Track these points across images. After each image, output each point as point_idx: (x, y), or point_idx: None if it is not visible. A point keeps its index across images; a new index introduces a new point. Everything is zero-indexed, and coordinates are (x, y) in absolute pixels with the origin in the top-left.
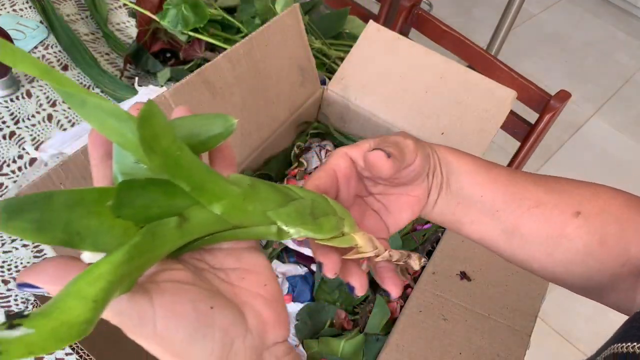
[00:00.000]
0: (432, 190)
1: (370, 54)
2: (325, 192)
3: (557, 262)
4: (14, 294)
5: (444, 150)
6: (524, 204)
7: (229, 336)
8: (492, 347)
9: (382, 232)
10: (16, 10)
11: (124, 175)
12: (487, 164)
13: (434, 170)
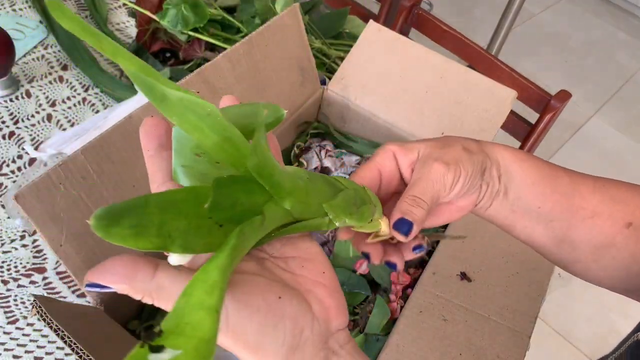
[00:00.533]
0: (485, 198)
1: (370, 54)
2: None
3: (601, 267)
4: (13, 294)
5: (508, 158)
6: (580, 214)
7: (298, 325)
8: (492, 348)
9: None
10: (15, 9)
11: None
12: (550, 172)
13: (489, 182)
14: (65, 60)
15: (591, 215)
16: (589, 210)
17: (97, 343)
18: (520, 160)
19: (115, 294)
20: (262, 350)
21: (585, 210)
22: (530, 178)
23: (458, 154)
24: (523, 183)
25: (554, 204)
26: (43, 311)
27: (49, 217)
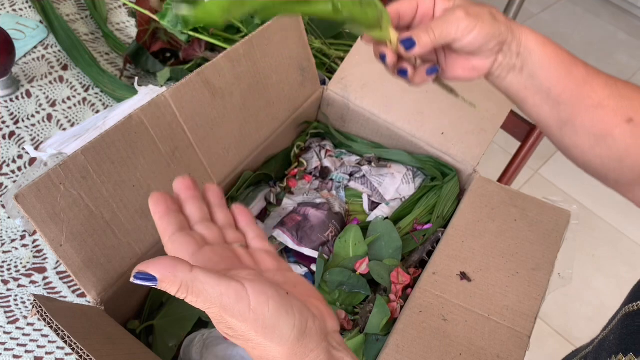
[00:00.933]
0: (501, 68)
1: (370, 54)
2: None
3: (596, 155)
4: (13, 294)
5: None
6: (586, 102)
7: (304, 316)
8: (492, 348)
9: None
10: (16, 10)
11: None
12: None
13: (507, 54)
14: (66, 60)
15: (596, 105)
16: (596, 100)
17: (97, 343)
18: (543, 43)
19: (116, 294)
20: (278, 330)
21: (592, 100)
22: (548, 61)
23: (483, 14)
24: (539, 64)
25: (564, 88)
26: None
27: (49, 217)
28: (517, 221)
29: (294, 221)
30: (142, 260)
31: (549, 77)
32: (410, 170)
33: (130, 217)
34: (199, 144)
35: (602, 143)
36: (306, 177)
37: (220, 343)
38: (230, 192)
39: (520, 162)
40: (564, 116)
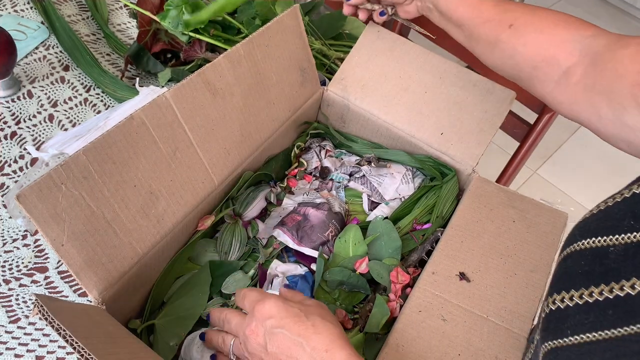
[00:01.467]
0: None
1: (370, 55)
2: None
3: (496, 57)
4: (15, 293)
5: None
6: (479, 20)
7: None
8: (490, 349)
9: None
10: (17, 11)
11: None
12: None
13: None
14: (67, 60)
15: (485, 20)
16: (485, 18)
17: (98, 342)
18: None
19: (117, 294)
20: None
21: (482, 18)
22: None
23: None
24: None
25: (462, 14)
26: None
27: (51, 217)
28: (515, 222)
29: (294, 221)
30: (144, 260)
31: (449, 10)
32: (409, 170)
33: (131, 217)
34: (200, 144)
35: (496, 48)
36: (306, 177)
37: None
38: (230, 192)
39: (519, 162)
40: (467, 33)
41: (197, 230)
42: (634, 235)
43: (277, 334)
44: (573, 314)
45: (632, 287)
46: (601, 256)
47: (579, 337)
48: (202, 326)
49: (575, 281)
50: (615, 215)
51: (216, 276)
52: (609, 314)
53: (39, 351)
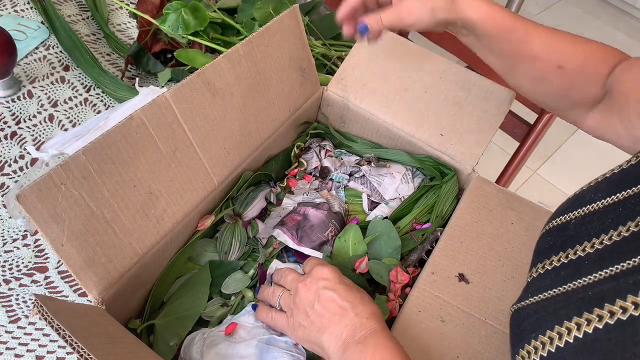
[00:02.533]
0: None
1: (370, 55)
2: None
3: (536, 91)
4: (15, 293)
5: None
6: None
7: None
8: (488, 353)
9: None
10: (17, 10)
11: None
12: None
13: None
14: (67, 60)
15: (533, 58)
16: (532, 55)
17: (98, 342)
18: (485, 20)
19: (117, 294)
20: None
21: (529, 54)
22: (489, 32)
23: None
24: (482, 34)
25: (504, 48)
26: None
27: (51, 216)
28: (513, 224)
29: (293, 221)
30: (143, 260)
31: (490, 42)
32: (409, 170)
33: (131, 217)
34: (200, 144)
35: (540, 84)
36: (306, 177)
37: (220, 342)
38: (230, 192)
39: (519, 162)
40: (507, 65)
41: (197, 230)
42: (591, 206)
43: (327, 294)
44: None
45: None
46: (563, 229)
47: (536, 297)
48: (202, 326)
49: (541, 256)
50: (583, 196)
51: (216, 276)
52: (561, 275)
53: (39, 351)
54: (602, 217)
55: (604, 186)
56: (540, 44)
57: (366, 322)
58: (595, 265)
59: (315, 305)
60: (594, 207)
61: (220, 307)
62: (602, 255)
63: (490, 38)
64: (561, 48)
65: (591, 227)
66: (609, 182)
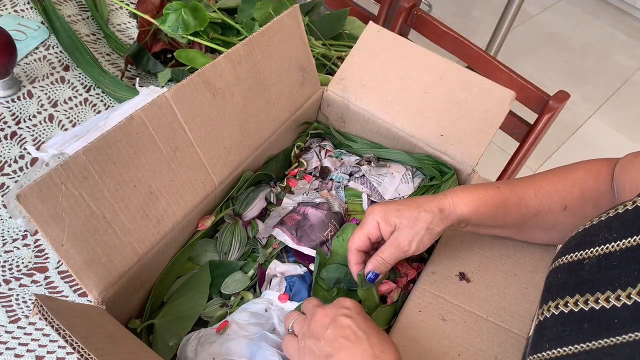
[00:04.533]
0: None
1: (370, 55)
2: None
3: (553, 237)
4: (15, 293)
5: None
6: (526, 217)
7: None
8: (490, 350)
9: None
10: (17, 11)
11: None
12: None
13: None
14: (67, 60)
15: (535, 214)
16: (534, 211)
17: (98, 342)
18: (475, 208)
19: (117, 294)
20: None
21: (531, 213)
22: (485, 216)
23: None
24: (479, 220)
25: (505, 219)
26: (45, 310)
27: (51, 216)
28: None
29: (293, 220)
30: (143, 260)
31: (491, 222)
32: (409, 170)
33: (131, 217)
34: (200, 144)
35: (553, 231)
36: (306, 177)
37: (214, 341)
38: (230, 192)
39: (519, 162)
40: (515, 230)
41: (197, 230)
42: (606, 247)
43: (343, 322)
44: (550, 325)
45: (606, 300)
46: (576, 268)
47: (556, 351)
48: (202, 326)
49: (553, 294)
50: (593, 232)
51: (216, 276)
52: (584, 327)
53: (39, 351)
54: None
55: (617, 224)
56: (535, 198)
57: (381, 356)
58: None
59: (329, 331)
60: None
61: (219, 307)
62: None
63: (490, 219)
64: (555, 190)
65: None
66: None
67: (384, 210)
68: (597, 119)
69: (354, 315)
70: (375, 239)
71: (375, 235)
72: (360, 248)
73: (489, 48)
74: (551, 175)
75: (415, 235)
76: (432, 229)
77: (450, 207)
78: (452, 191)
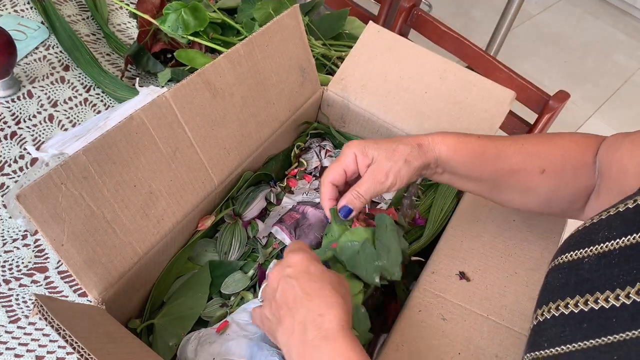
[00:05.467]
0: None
1: (369, 55)
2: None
3: (527, 202)
4: (15, 293)
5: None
6: (503, 173)
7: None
8: (490, 348)
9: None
10: (17, 10)
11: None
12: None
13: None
14: (67, 60)
15: (513, 171)
16: (511, 168)
17: (98, 342)
18: (454, 150)
19: (117, 294)
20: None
21: (508, 168)
22: (462, 160)
23: (399, 167)
24: (455, 165)
25: (482, 170)
26: (44, 310)
27: (51, 216)
28: (515, 221)
29: (292, 219)
30: (144, 260)
31: (466, 170)
32: None
33: (131, 217)
34: (200, 144)
35: (529, 194)
36: (306, 177)
37: (214, 340)
38: (230, 192)
39: None
40: (489, 186)
41: (197, 230)
42: (605, 245)
43: (288, 283)
44: (550, 326)
45: (605, 300)
46: (577, 268)
47: (554, 350)
48: (202, 326)
49: (553, 294)
50: (594, 230)
51: (216, 276)
52: (583, 327)
53: (39, 351)
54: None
55: (618, 223)
56: (515, 154)
57: (319, 320)
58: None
59: (277, 295)
60: (610, 247)
61: (219, 307)
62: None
63: (465, 166)
64: (537, 152)
65: (612, 274)
66: (624, 219)
67: (362, 143)
68: (597, 119)
69: (297, 274)
70: (352, 173)
71: (352, 169)
72: (335, 181)
73: (489, 48)
74: (536, 137)
75: (392, 166)
76: (410, 162)
77: (429, 144)
78: (433, 133)
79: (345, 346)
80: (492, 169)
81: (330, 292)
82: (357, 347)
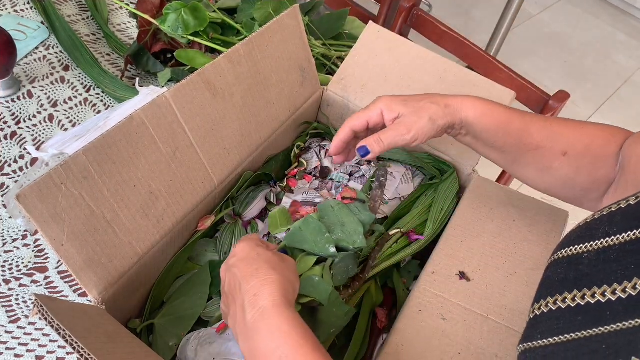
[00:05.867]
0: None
1: (370, 55)
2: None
3: (544, 182)
4: (15, 293)
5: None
6: (526, 148)
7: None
8: (490, 348)
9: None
10: (17, 11)
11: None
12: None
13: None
14: (67, 60)
15: (536, 147)
16: (534, 144)
17: (98, 342)
18: (481, 116)
19: (117, 294)
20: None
21: (531, 144)
22: (487, 128)
23: (423, 124)
24: (480, 131)
25: (505, 142)
26: (44, 310)
27: (51, 216)
28: (515, 221)
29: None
30: (143, 260)
31: (490, 137)
32: (409, 170)
33: (131, 217)
34: (200, 144)
35: (546, 174)
36: (306, 177)
37: (214, 340)
38: (230, 192)
39: None
40: (510, 158)
41: (197, 230)
42: (605, 241)
43: (230, 272)
44: (545, 320)
45: (602, 294)
46: (576, 263)
47: (546, 340)
48: (202, 326)
49: (552, 289)
50: (595, 225)
51: (216, 276)
52: (577, 320)
53: (39, 351)
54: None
55: (619, 218)
56: (541, 131)
57: (253, 300)
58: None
59: (225, 287)
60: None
61: (219, 307)
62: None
63: (489, 133)
64: (563, 134)
65: (610, 269)
66: (625, 215)
67: (390, 99)
68: (597, 119)
69: (237, 262)
70: (374, 124)
71: (375, 121)
72: (355, 127)
73: (489, 48)
74: (564, 120)
75: (416, 121)
76: (434, 120)
77: (457, 105)
78: (464, 95)
79: (280, 321)
80: (516, 142)
81: (266, 271)
82: (293, 320)
